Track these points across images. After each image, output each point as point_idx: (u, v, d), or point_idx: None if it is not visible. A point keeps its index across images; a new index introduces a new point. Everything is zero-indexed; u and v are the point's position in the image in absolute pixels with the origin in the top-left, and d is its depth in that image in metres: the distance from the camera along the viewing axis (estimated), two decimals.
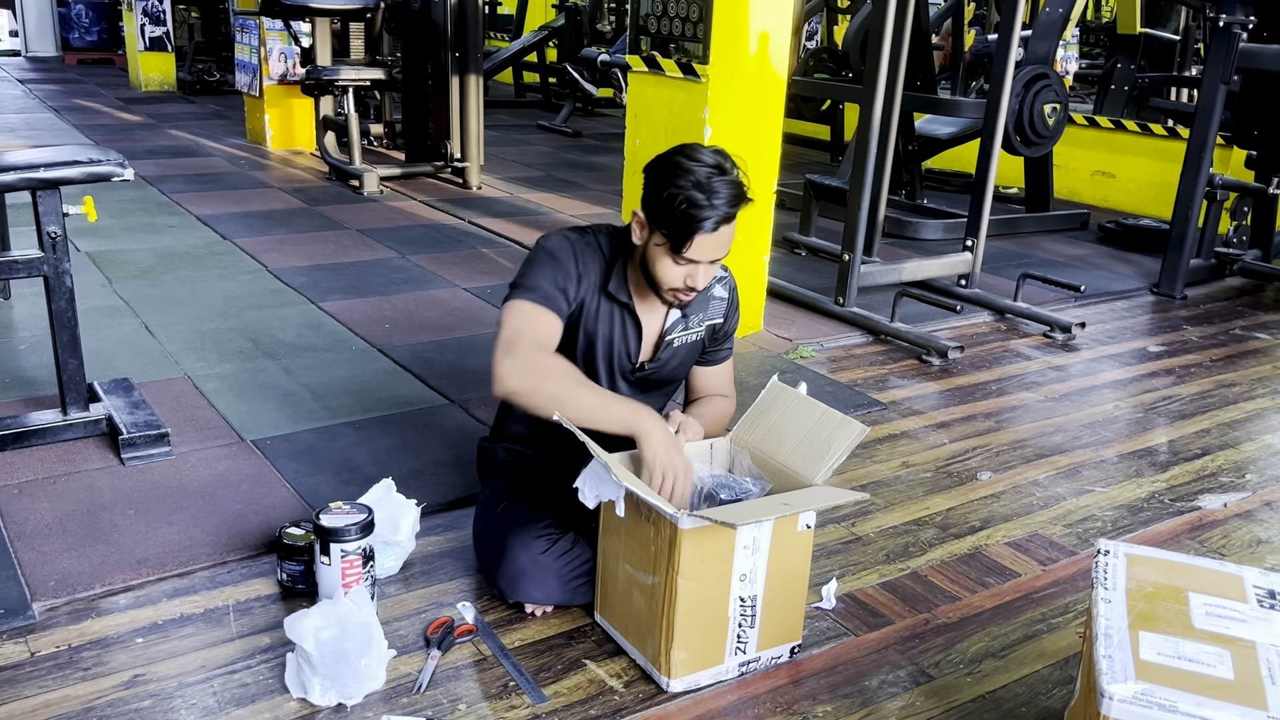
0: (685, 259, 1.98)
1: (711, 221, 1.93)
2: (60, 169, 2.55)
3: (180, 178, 6.32)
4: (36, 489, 2.52)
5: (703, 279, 2.02)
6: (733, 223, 1.98)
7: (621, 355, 2.17)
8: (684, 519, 1.77)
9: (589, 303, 2.11)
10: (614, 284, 2.11)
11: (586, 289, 2.10)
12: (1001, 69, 4.39)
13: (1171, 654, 1.50)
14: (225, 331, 3.69)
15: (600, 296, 2.11)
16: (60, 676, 1.87)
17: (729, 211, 1.94)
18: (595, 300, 2.11)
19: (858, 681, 1.99)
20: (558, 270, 2.06)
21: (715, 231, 1.95)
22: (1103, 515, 2.71)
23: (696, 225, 1.93)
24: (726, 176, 1.95)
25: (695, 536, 1.81)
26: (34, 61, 13.06)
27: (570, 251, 2.09)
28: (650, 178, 2.01)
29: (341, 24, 7.01)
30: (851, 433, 2.00)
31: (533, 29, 11.08)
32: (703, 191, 1.92)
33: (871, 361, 3.78)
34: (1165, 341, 4.22)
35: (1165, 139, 6.64)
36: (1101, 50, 10.78)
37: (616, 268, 2.11)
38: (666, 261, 2.00)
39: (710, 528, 1.80)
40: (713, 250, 1.98)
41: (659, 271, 2.02)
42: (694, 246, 1.96)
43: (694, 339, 2.24)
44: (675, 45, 3.70)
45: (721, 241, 1.98)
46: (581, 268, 2.09)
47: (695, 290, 2.04)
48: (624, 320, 2.14)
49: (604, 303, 2.12)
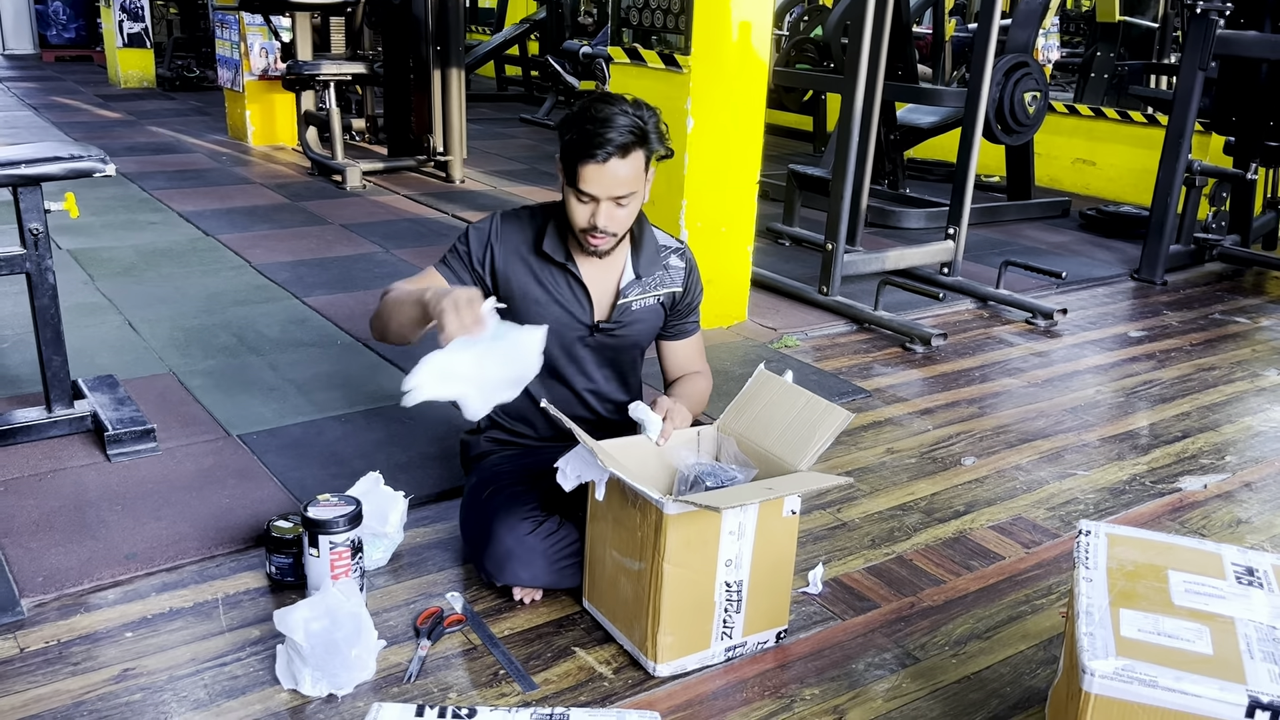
0: (585, 194, 2.02)
1: (601, 152, 1.96)
2: (42, 165, 2.54)
3: (161, 174, 6.29)
4: (23, 486, 2.51)
5: (606, 218, 2.04)
6: (629, 158, 1.99)
7: (567, 316, 2.18)
8: (669, 504, 1.79)
9: (514, 266, 2.17)
10: (548, 243, 2.17)
11: (505, 257, 2.17)
12: (982, 58, 4.41)
13: (1152, 630, 1.52)
14: (209, 327, 3.69)
15: (533, 258, 2.17)
16: (50, 672, 1.88)
17: (619, 142, 1.96)
18: (527, 264, 2.17)
19: (844, 664, 2.01)
20: (467, 242, 2.18)
21: (605, 163, 1.97)
22: (1085, 498, 2.74)
23: (584, 153, 1.97)
24: (626, 115, 1.99)
25: (681, 522, 1.82)
26: (11, 59, 12.95)
27: (486, 228, 2.19)
28: (562, 118, 2.09)
29: (322, 18, 6.97)
30: (836, 419, 2.02)
31: (514, 22, 11.05)
32: (593, 124, 1.97)
33: (855, 350, 3.81)
34: (1146, 327, 4.25)
35: (1145, 126, 6.68)
36: (1081, 38, 10.84)
37: (550, 228, 2.17)
38: (572, 200, 2.05)
39: (696, 513, 1.82)
40: (608, 185, 2.00)
41: (570, 213, 2.08)
42: (585, 178, 1.99)
43: (652, 303, 2.26)
44: (657, 37, 3.71)
45: (617, 178, 2.00)
46: (500, 239, 2.17)
47: (603, 231, 2.05)
48: (565, 279, 2.18)
49: (540, 264, 2.18)
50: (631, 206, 2.07)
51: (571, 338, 2.21)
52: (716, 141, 3.67)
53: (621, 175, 2.00)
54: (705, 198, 3.72)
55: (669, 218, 3.69)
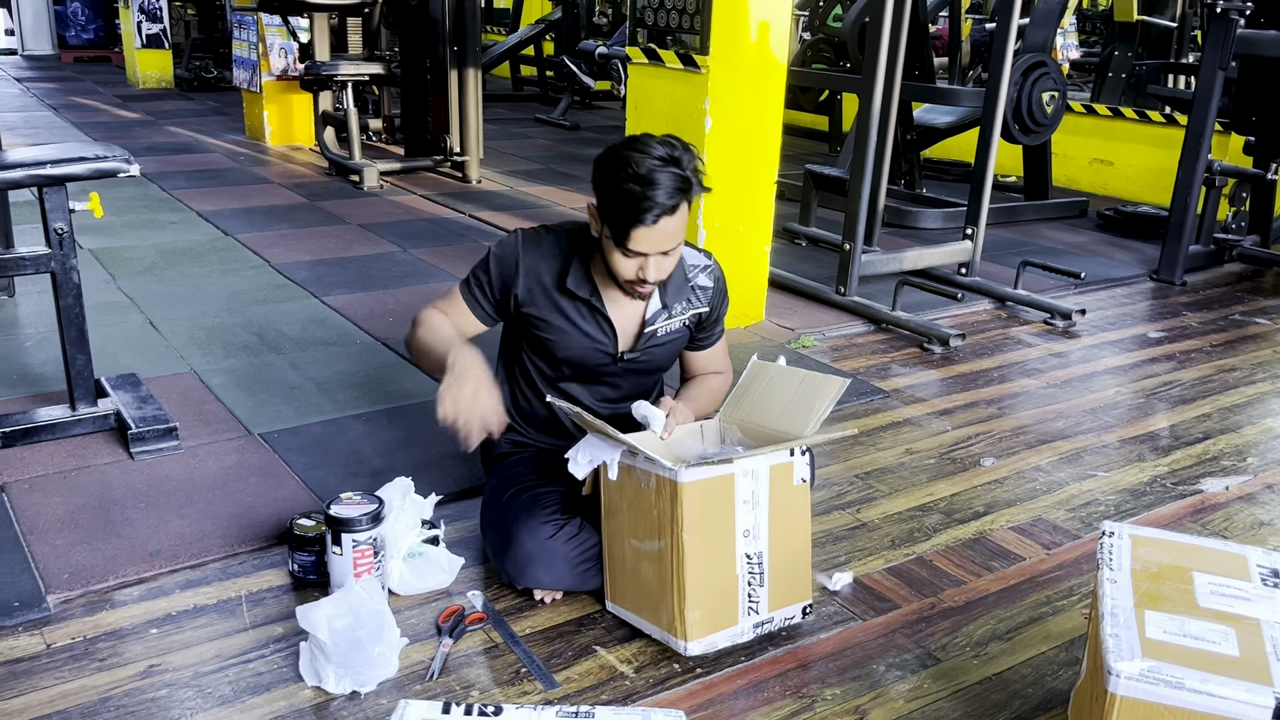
0: (633, 251, 1.98)
1: (650, 215, 1.91)
2: (66, 165, 2.56)
3: (181, 174, 6.33)
4: (48, 484, 2.53)
5: (655, 271, 2.01)
6: (676, 214, 1.95)
7: (591, 349, 2.19)
8: (683, 472, 1.81)
9: (537, 296, 2.14)
10: (572, 279, 2.13)
11: (530, 287, 2.14)
12: (1000, 57, 4.40)
13: (1177, 632, 1.52)
14: (230, 326, 3.71)
15: (556, 291, 2.14)
16: (76, 668, 1.89)
17: (667, 204, 1.92)
18: (549, 295, 2.14)
19: (865, 665, 2.01)
20: (488, 272, 2.17)
21: (655, 225, 1.93)
22: (1105, 499, 2.73)
23: (634, 220, 1.92)
24: (669, 168, 1.92)
25: (695, 490, 1.85)
26: (30, 60, 13.05)
27: (511, 258, 2.14)
28: (597, 171, 2.01)
29: (339, 19, 7.01)
30: (833, 386, 2.03)
31: (530, 22, 11.08)
32: (641, 184, 1.90)
33: (873, 350, 3.80)
34: (1165, 327, 4.23)
35: (1163, 126, 6.65)
36: (1099, 38, 10.78)
37: (575, 264, 2.13)
38: (616, 254, 2.01)
39: (709, 481, 1.86)
40: (658, 242, 1.96)
41: (613, 264, 2.04)
42: (635, 239, 1.95)
43: (678, 327, 2.26)
44: (672, 37, 3.71)
45: (666, 234, 1.96)
46: (525, 269, 2.13)
47: (649, 283, 2.03)
48: (590, 315, 2.16)
49: (563, 299, 2.15)
50: (676, 252, 2.04)
51: (594, 364, 2.22)
52: (734, 142, 3.67)
53: (671, 230, 1.97)
54: (723, 198, 3.72)
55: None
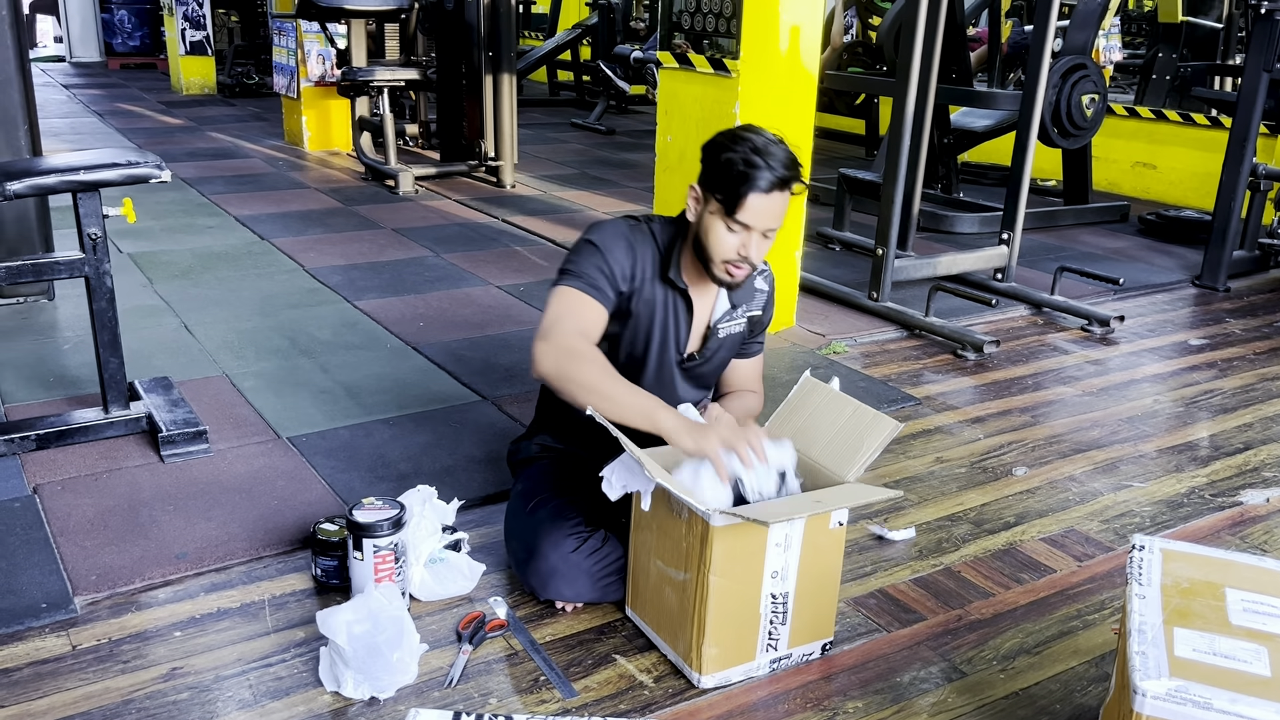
0: (739, 223, 1.99)
1: (766, 180, 1.95)
2: (99, 171, 2.59)
3: (219, 179, 6.41)
4: (79, 485, 2.57)
5: (755, 249, 2.02)
6: (786, 192, 2.00)
7: (672, 345, 2.18)
8: (716, 516, 1.77)
9: (643, 290, 2.11)
10: (673, 270, 2.12)
11: (640, 277, 2.10)
12: (1037, 60, 4.34)
13: (1207, 650, 1.48)
14: (263, 330, 3.74)
15: (656, 283, 2.13)
16: (100, 669, 1.91)
17: (783, 174, 1.97)
18: (651, 288, 2.12)
19: (889, 678, 1.98)
20: (607, 258, 2.06)
21: (769, 193, 1.96)
22: (1141, 511, 2.67)
23: (751, 183, 1.95)
24: (783, 146, 2.01)
25: (727, 534, 1.81)
26: (78, 67, 13.29)
27: (622, 239, 2.10)
28: (708, 149, 2.05)
29: (377, 25, 7.07)
30: (884, 429, 1.99)
31: (567, 27, 11.11)
32: (759, 154, 1.96)
33: (905, 356, 3.76)
34: (1207, 334, 4.15)
35: (1208, 129, 6.52)
36: (1143, 39, 10.62)
37: (675, 253, 2.13)
38: (720, 229, 2.01)
39: (742, 525, 1.80)
40: (766, 215, 1.99)
41: (713, 242, 2.03)
42: (747, 208, 1.97)
43: (738, 330, 2.26)
44: (709, 41, 3.69)
45: (775, 208, 1.99)
46: (635, 256, 2.10)
47: (749, 262, 2.04)
48: (678, 307, 2.16)
49: (660, 289, 2.13)
50: (772, 238, 2.06)
51: (658, 364, 2.20)
52: None
53: (778, 208, 2.01)
54: None
55: None
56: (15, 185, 2.48)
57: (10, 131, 3.66)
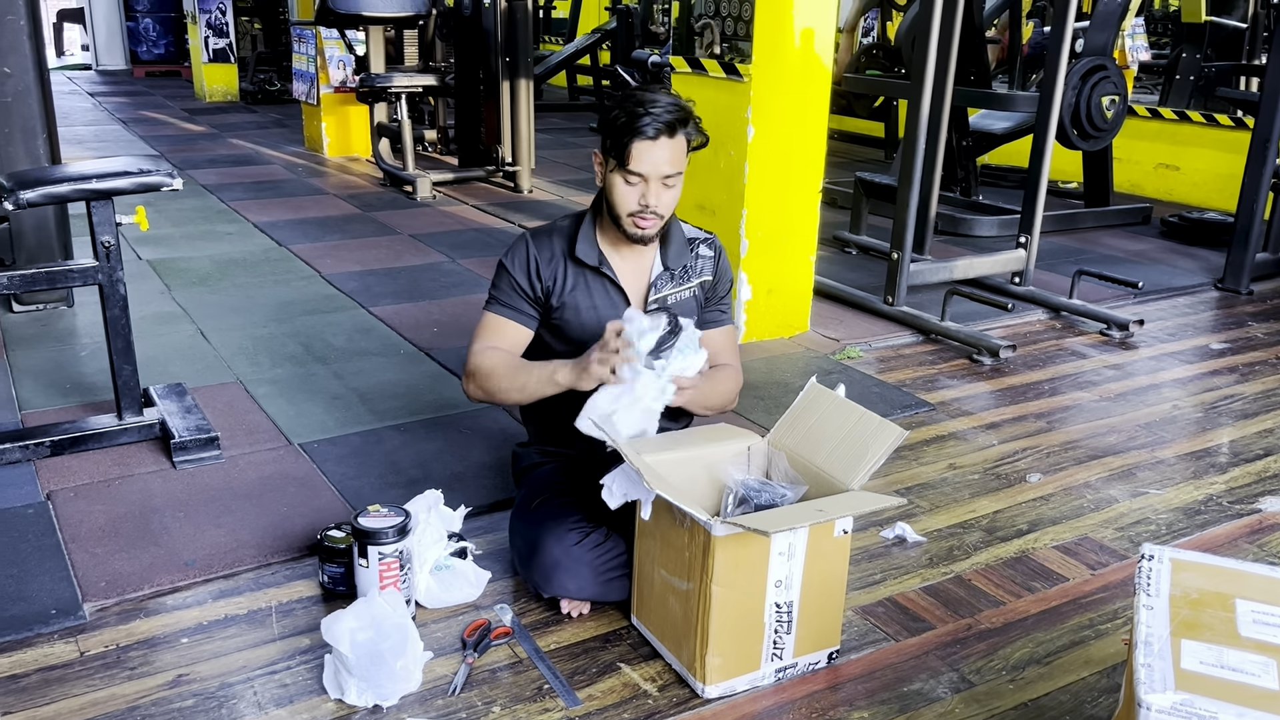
0: (633, 174, 2.05)
1: (650, 127, 2.01)
2: (112, 180, 2.61)
3: (239, 186, 6.46)
4: (92, 492, 2.59)
5: (655, 196, 2.07)
6: (675, 138, 2.05)
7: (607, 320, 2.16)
8: (717, 525, 1.76)
9: (560, 281, 2.20)
10: (580, 247, 2.19)
11: (553, 273, 2.20)
12: (1055, 61, 4.30)
13: (1214, 663, 1.45)
14: (278, 336, 3.76)
15: (569, 267, 2.20)
16: (107, 676, 1.92)
17: (666, 119, 2.02)
18: (567, 275, 2.20)
19: (896, 687, 1.96)
20: (513, 274, 2.20)
21: (655, 140, 2.02)
22: (1157, 518, 2.64)
23: (635, 132, 2.02)
24: (668, 96, 2.07)
25: (729, 543, 1.79)
26: (104, 74, 13.46)
27: (523, 249, 2.21)
28: (602, 112, 2.16)
29: (395, 31, 7.10)
30: (889, 436, 1.97)
31: (586, 32, 11.13)
32: (639, 104, 2.03)
33: (921, 361, 3.73)
34: (1228, 338, 4.09)
35: (1232, 130, 6.44)
36: (1168, 39, 10.51)
37: (583, 231, 2.21)
38: (619, 184, 2.08)
39: (744, 534, 1.79)
40: (658, 161, 2.04)
41: (616, 198, 2.10)
42: (636, 156, 2.03)
43: (688, 296, 2.28)
44: (728, 44, 3.68)
45: (665, 154, 2.04)
46: (539, 258, 2.20)
47: (653, 211, 2.09)
48: (600, 284, 2.21)
49: (575, 271, 2.20)
50: (676, 189, 2.12)
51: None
52: (778, 150, 3.63)
53: (670, 154, 2.06)
54: (766, 207, 3.68)
55: (730, 227, 3.66)
56: (29, 194, 2.51)
57: (29, 140, 3.70)
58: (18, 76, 3.63)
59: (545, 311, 2.23)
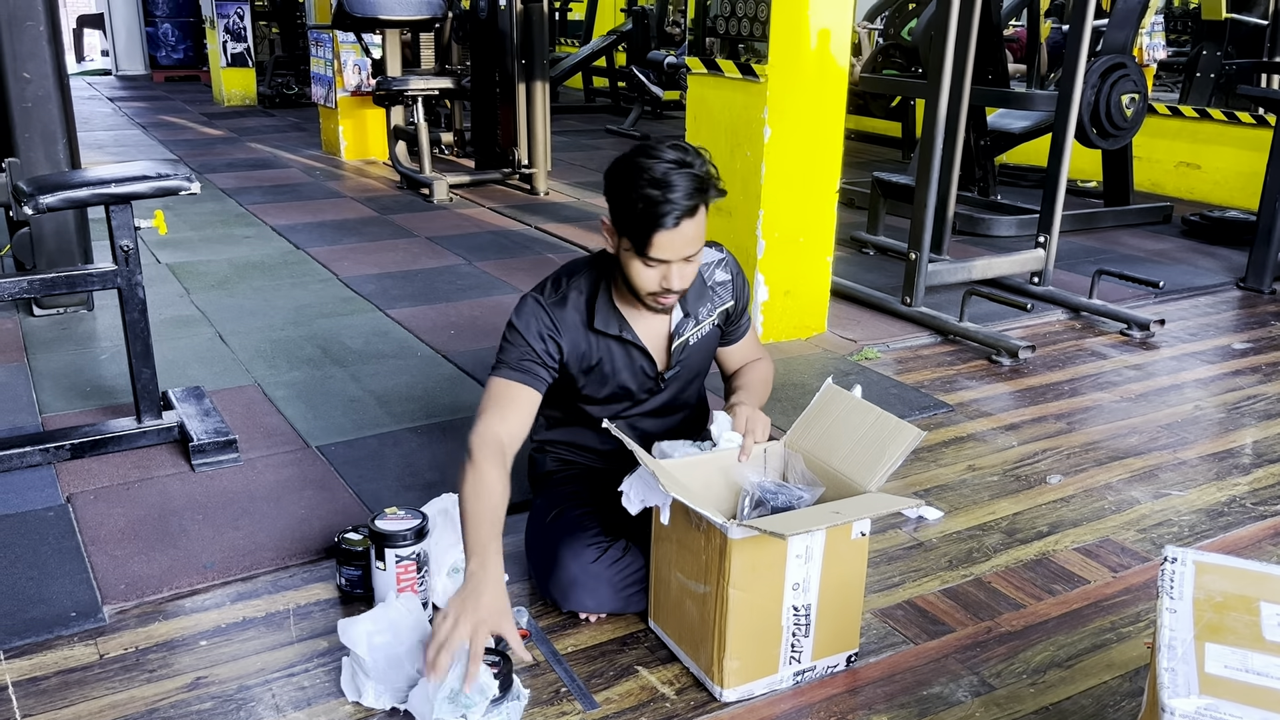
0: (654, 260, 1.93)
1: (671, 218, 1.87)
2: (131, 184, 2.62)
3: (258, 189, 6.49)
4: (111, 495, 2.60)
5: (678, 278, 1.96)
6: (697, 216, 1.91)
7: (634, 380, 2.17)
8: (734, 529, 1.75)
9: (579, 348, 2.09)
10: (599, 319, 2.08)
11: (571, 342, 2.08)
12: (1074, 59, 4.27)
13: (1239, 667, 1.43)
14: (296, 339, 3.78)
15: (589, 338, 2.09)
16: (127, 678, 1.93)
17: (687, 205, 1.88)
18: (590, 343, 2.09)
19: (915, 691, 1.94)
20: (528, 340, 2.04)
21: (677, 228, 1.88)
22: (1179, 520, 2.61)
23: (656, 224, 1.87)
24: (684, 170, 1.88)
25: (745, 546, 1.78)
26: (123, 79, 13.55)
27: (534, 316, 2.06)
28: (609, 182, 1.96)
29: (411, 35, 7.12)
30: (907, 438, 1.95)
31: (602, 34, 11.13)
32: (658, 188, 1.86)
33: (939, 362, 3.71)
34: (1251, 338, 4.05)
35: (1253, 127, 6.38)
36: (1188, 37, 10.42)
37: (600, 300, 2.09)
38: (638, 265, 1.95)
39: (761, 537, 1.78)
40: (680, 247, 1.92)
41: (634, 278, 1.98)
42: (657, 245, 1.90)
43: (708, 330, 2.22)
44: (744, 45, 3.67)
45: (688, 237, 1.91)
46: (550, 326, 2.06)
47: (673, 292, 1.99)
48: (624, 349, 2.13)
49: (596, 343, 2.10)
50: (698, 259, 2.00)
51: (639, 390, 2.19)
52: (794, 151, 3.62)
53: (692, 234, 1.93)
54: (782, 208, 3.66)
55: (746, 228, 3.65)
56: (49, 199, 2.52)
57: (49, 145, 3.72)
58: (37, 82, 3.66)
59: (567, 380, 2.13)
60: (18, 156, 3.65)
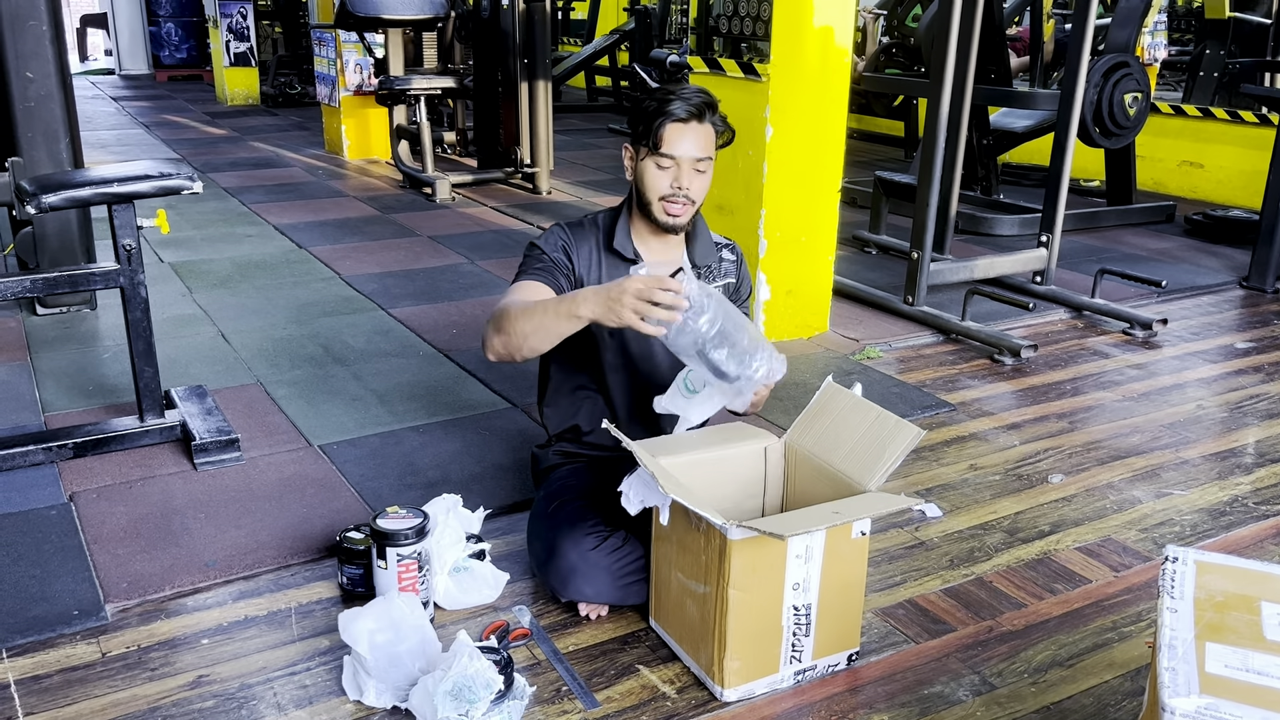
0: (665, 156, 2.08)
1: (681, 109, 2.06)
2: (133, 183, 2.63)
3: (260, 188, 6.49)
4: (114, 493, 2.60)
5: (688, 180, 2.10)
6: (704, 124, 2.09)
7: None
8: (733, 529, 1.75)
9: (596, 273, 2.22)
10: (618, 239, 2.21)
11: (586, 263, 2.21)
12: (1076, 57, 4.26)
13: (1239, 667, 1.43)
14: (298, 338, 3.78)
15: (604, 259, 2.21)
16: (129, 676, 1.93)
17: (694, 105, 2.07)
18: (600, 268, 2.21)
19: (916, 690, 1.94)
20: (546, 251, 2.19)
21: (686, 122, 2.06)
22: (1181, 519, 2.61)
23: (666, 115, 2.06)
24: (694, 88, 2.12)
25: (745, 547, 1.78)
26: (127, 79, 13.57)
27: (556, 235, 2.22)
28: (631, 108, 2.18)
29: (414, 34, 7.12)
30: (907, 436, 1.95)
31: (604, 33, 11.13)
32: (669, 93, 2.09)
33: (941, 361, 3.71)
34: (1254, 337, 4.04)
35: (1256, 126, 6.37)
36: (1191, 36, 10.41)
37: (619, 225, 2.23)
38: (651, 170, 2.11)
39: (760, 538, 1.78)
40: (689, 144, 2.08)
41: (648, 183, 2.12)
42: (668, 139, 2.07)
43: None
44: (746, 44, 3.67)
45: (696, 137, 2.08)
46: (570, 243, 2.20)
47: (685, 195, 2.10)
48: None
49: (610, 265, 2.21)
50: (707, 176, 2.14)
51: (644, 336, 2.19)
52: (796, 150, 3.62)
53: (701, 138, 2.09)
54: (784, 207, 3.66)
55: (748, 227, 3.65)
56: (51, 198, 2.53)
57: (52, 144, 3.73)
58: (40, 81, 3.66)
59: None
60: (20, 156, 3.65)
